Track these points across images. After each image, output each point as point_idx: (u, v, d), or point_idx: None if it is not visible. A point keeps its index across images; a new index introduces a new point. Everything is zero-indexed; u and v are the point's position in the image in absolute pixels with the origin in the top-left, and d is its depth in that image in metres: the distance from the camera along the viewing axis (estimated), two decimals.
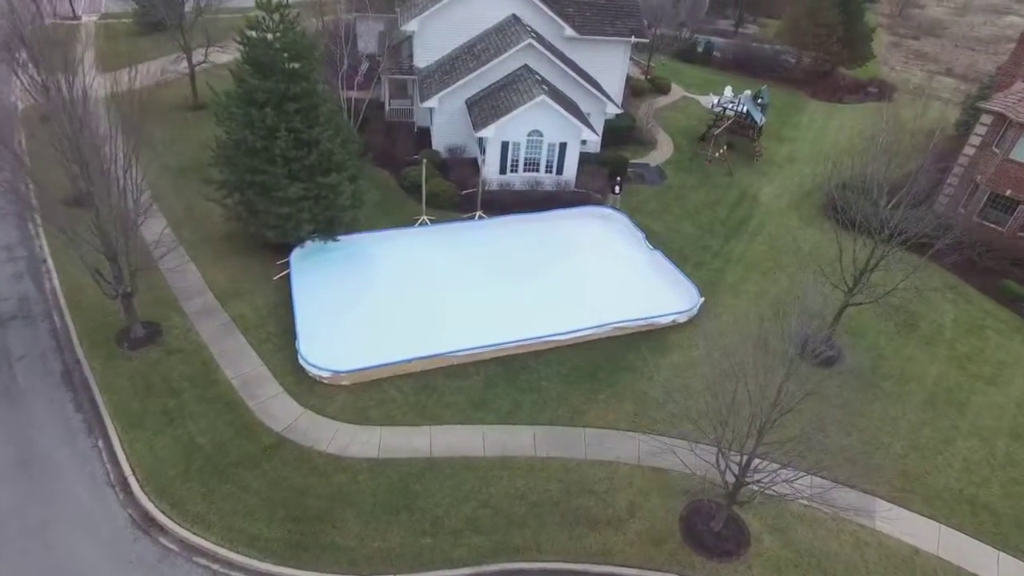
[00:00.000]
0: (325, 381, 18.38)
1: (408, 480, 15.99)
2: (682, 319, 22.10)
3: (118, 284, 18.12)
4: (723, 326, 21.59)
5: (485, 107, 28.68)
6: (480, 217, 27.01)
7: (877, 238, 18.95)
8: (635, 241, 26.44)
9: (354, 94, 31.89)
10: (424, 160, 25.71)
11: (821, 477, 14.35)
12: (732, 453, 14.12)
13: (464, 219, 26.97)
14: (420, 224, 26.25)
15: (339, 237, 24.14)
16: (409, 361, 18.85)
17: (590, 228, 27.57)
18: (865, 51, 51.99)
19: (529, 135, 28.13)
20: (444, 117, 30.44)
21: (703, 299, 22.76)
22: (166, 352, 19.02)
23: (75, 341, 19.02)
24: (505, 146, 28.24)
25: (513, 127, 27.59)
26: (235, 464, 15.85)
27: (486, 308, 21.76)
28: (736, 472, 14.38)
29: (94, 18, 53.02)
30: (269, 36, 20.87)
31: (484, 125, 27.40)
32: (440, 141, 31.11)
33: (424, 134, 31.88)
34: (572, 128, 28.00)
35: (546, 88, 27.75)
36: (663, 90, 45.27)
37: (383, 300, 21.86)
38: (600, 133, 31.19)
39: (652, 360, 20.27)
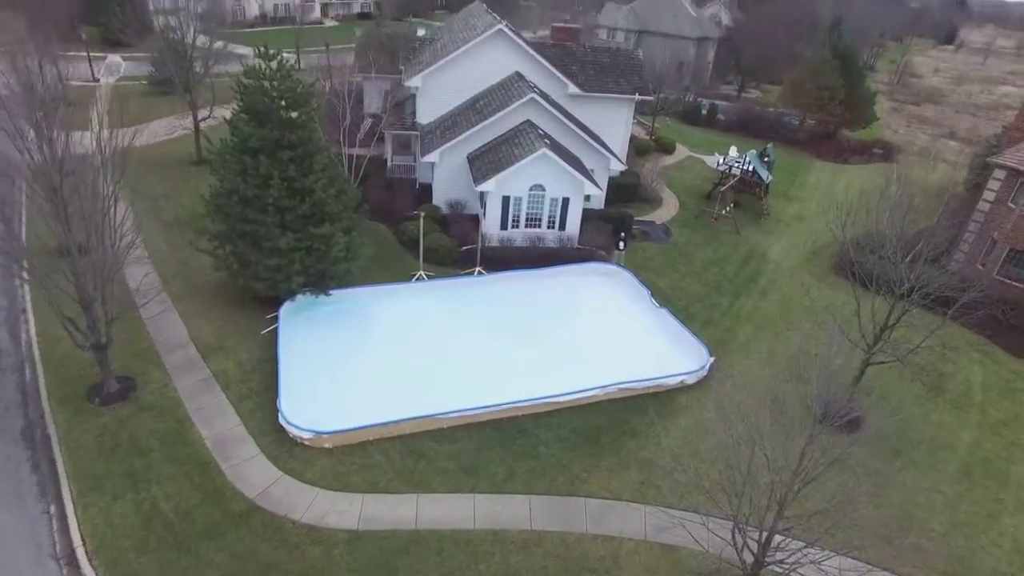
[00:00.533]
0: (306, 443, 17.04)
1: (389, 555, 14.42)
2: (691, 380, 20.77)
3: (92, 334, 17.10)
4: (735, 387, 20.25)
5: (486, 161, 28.27)
6: (479, 273, 26.12)
7: (897, 292, 17.83)
8: (640, 299, 25.39)
9: (356, 151, 31.74)
10: (422, 214, 25.04)
11: (853, 558, 12.75)
12: (750, 528, 12.61)
13: (463, 275, 26.08)
14: (417, 279, 25.36)
15: (331, 291, 23.20)
16: (396, 423, 17.53)
17: (593, 285, 26.58)
18: (868, 113, 52.28)
19: (531, 190, 27.57)
20: (445, 172, 30.05)
21: (713, 358, 21.50)
22: (139, 408, 17.80)
23: (43, 395, 17.86)
24: (506, 201, 27.64)
25: (514, 181, 27.06)
26: (199, 535, 14.36)
27: (483, 367, 20.55)
28: (755, 551, 12.82)
29: (112, 80, 54.66)
30: (266, 84, 20.58)
31: (485, 179, 26.89)
32: (441, 196, 30.63)
33: (426, 190, 31.45)
34: (575, 182, 27.45)
35: (548, 142, 27.37)
36: (668, 150, 45.26)
37: (374, 358, 20.72)
38: (604, 189, 30.64)
39: (659, 424, 18.86)
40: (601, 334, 23.12)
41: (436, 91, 31.72)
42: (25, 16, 46.51)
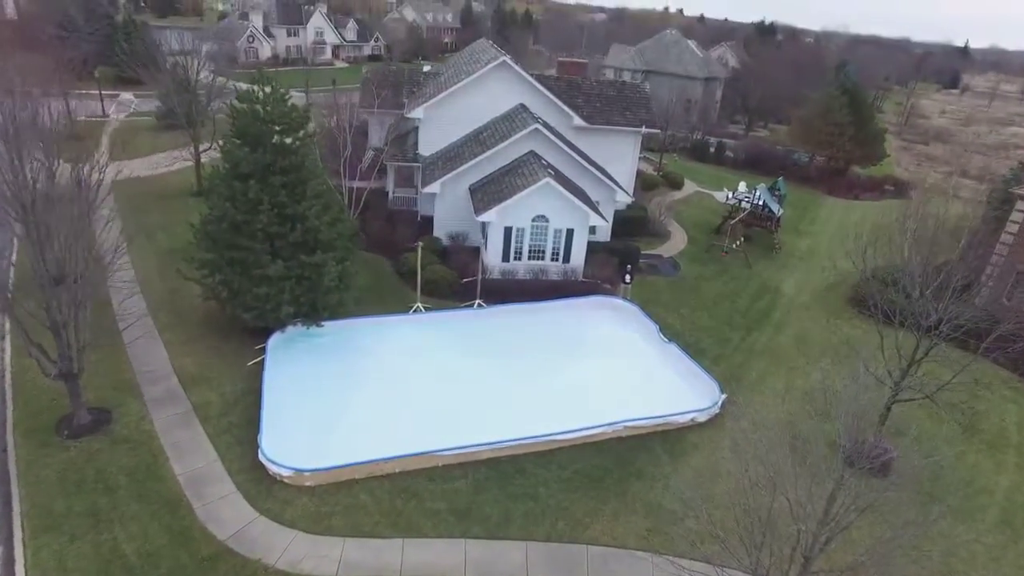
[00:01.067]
0: (286, 480, 15.78)
1: None
2: (702, 418, 19.44)
3: (63, 362, 16.11)
4: (750, 425, 18.90)
5: (488, 192, 27.56)
6: (479, 305, 25.10)
7: (924, 325, 16.63)
8: (647, 333, 24.21)
9: (357, 183, 31.28)
10: (420, 244, 24.19)
11: None
12: None
13: (462, 307, 25.07)
14: (414, 311, 24.35)
15: (324, 323, 22.19)
16: (386, 460, 16.27)
17: (598, 319, 25.47)
18: (878, 150, 51.70)
19: (534, 220, 26.75)
20: (446, 203, 29.35)
21: (725, 395, 20.19)
22: (111, 442, 16.66)
23: (8, 426, 16.78)
24: (508, 232, 26.81)
25: (517, 211, 26.27)
26: None
27: (481, 403, 19.34)
28: None
29: (123, 115, 55.49)
30: (259, 108, 20.05)
31: (486, 209, 26.11)
32: (442, 228, 29.87)
33: (427, 223, 30.72)
34: (579, 213, 26.62)
35: (552, 172, 26.66)
36: (676, 185, 44.65)
37: (365, 392, 19.57)
38: (610, 221, 29.80)
39: (669, 465, 17.51)
40: (606, 370, 21.92)
41: (438, 123, 31.29)
42: (42, 57, 47.77)
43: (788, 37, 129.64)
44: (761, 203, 34.85)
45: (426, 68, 41.51)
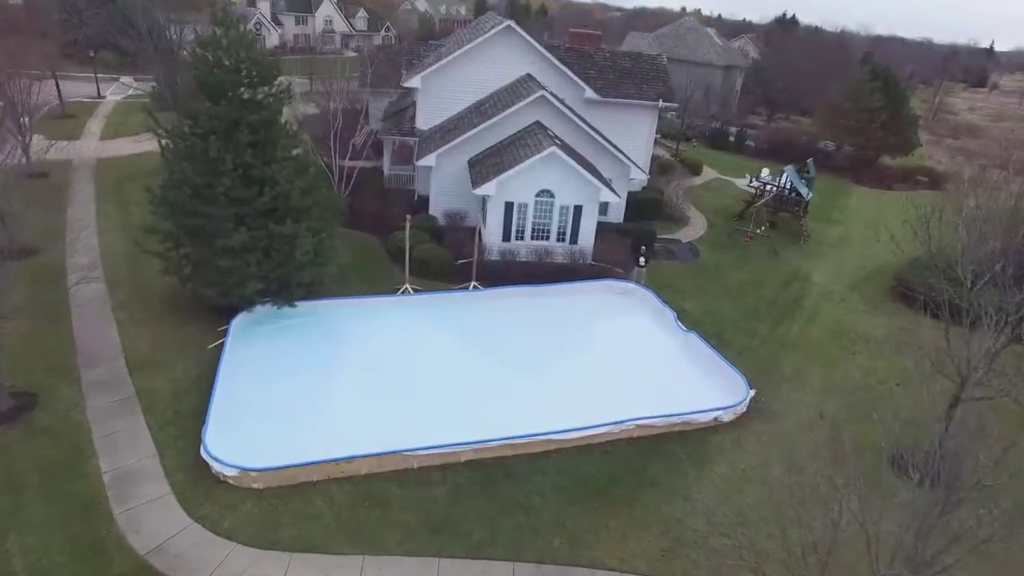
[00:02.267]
0: (231, 481, 13.23)
1: None
2: (727, 417, 16.66)
3: None
4: (784, 427, 16.16)
5: (488, 164, 24.92)
6: (475, 288, 22.46)
7: (1006, 316, 13.74)
8: (664, 321, 21.46)
9: (349, 162, 28.95)
10: (408, 219, 21.58)
11: None
12: None
13: (456, 290, 22.43)
14: (401, 293, 21.76)
15: (297, 303, 19.69)
16: (350, 460, 13.66)
17: (608, 305, 22.74)
18: (911, 139, 48.36)
19: (538, 195, 24.07)
20: (443, 178, 26.75)
21: (754, 391, 17.39)
22: (29, 432, 14.21)
23: None
24: (509, 208, 24.14)
25: (519, 185, 23.60)
26: None
27: (470, 397, 16.68)
28: None
29: (119, 97, 53.85)
30: (222, 55, 17.55)
31: (485, 181, 23.47)
32: (438, 205, 27.26)
33: (424, 202, 28.12)
34: (589, 188, 23.90)
35: (559, 143, 23.95)
36: (694, 171, 41.80)
37: (334, 382, 16.98)
38: (624, 199, 27.02)
39: (690, 472, 14.73)
40: (615, 361, 19.21)
41: (437, 94, 28.69)
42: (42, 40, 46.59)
43: (810, 31, 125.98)
44: (789, 186, 31.94)
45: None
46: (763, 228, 30.38)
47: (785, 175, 31.74)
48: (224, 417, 14.59)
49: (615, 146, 27.29)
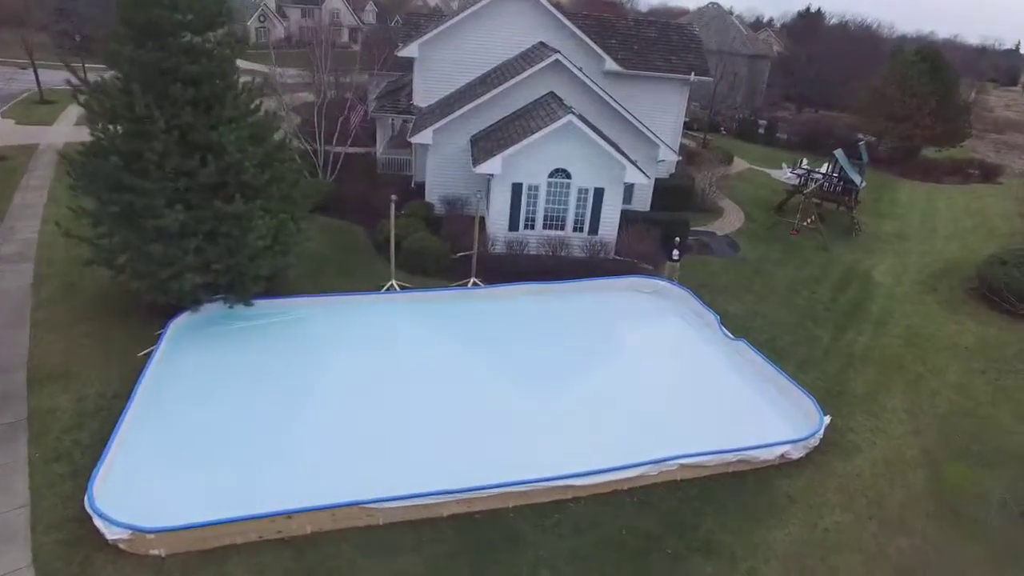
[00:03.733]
0: (121, 546, 9.53)
1: None
2: (796, 454, 12.74)
3: None
4: (869, 466, 12.34)
5: (493, 140, 21.18)
6: (475, 285, 18.72)
7: None
8: (705, 327, 17.59)
9: (332, 146, 25.58)
10: (393, 200, 17.88)
11: None
12: None
13: (452, 287, 18.70)
14: (386, 290, 18.07)
15: (255, 301, 16.07)
16: (290, 514, 9.91)
17: (636, 306, 18.91)
18: (962, 127, 44.02)
19: (552, 176, 20.29)
20: (441, 159, 23.04)
21: (829, 418, 13.47)
22: None
23: None
24: (517, 191, 20.38)
25: (529, 163, 19.85)
26: None
27: (460, 425, 12.93)
28: None
29: None
30: None
31: (488, 157, 19.73)
32: (435, 191, 23.55)
33: (422, 190, 24.44)
34: (612, 167, 20.08)
35: (577, 113, 20.14)
36: (725, 160, 37.79)
37: (283, 405, 13.18)
38: (652, 181, 23.14)
39: (749, 532, 10.91)
40: (649, 377, 15.36)
41: (438, 65, 25.04)
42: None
43: (837, 27, 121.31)
44: (836, 174, 27.96)
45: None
46: (811, 220, 26.39)
47: (833, 163, 27.70)
48: (129, 453, 10.94)
49: (642, 123, 23.44)
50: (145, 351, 14.35)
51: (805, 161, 32.38)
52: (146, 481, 10.52)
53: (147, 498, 10.10)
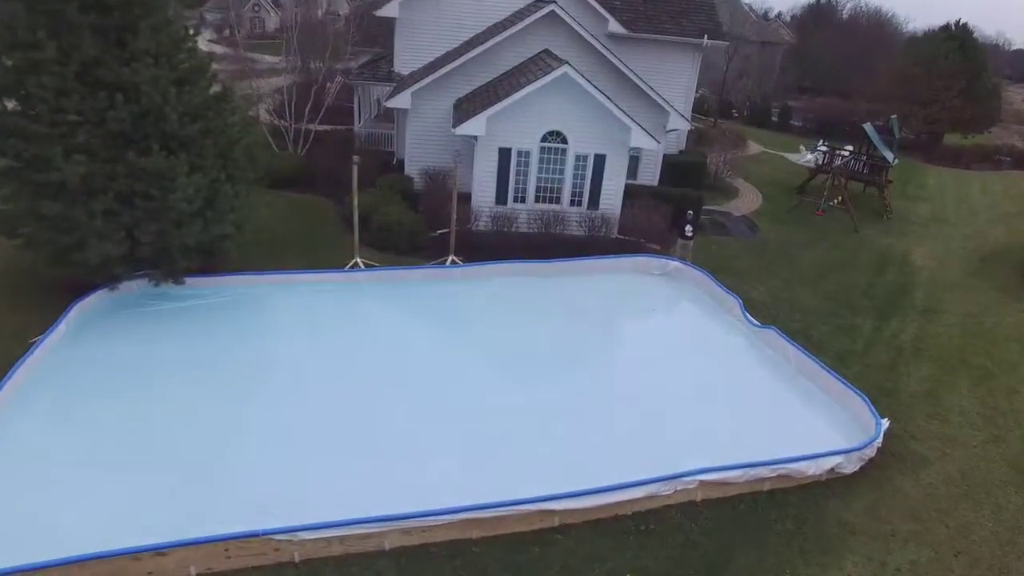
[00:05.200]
0: None
1: None
2: (849, 467, 9.95)
3: None
4: (942, 483, 9.57)
5: (476, 101, 18.48)
6: (453, 263, 16.01)
7: None
8: (725, 314, 14.84)
9: (304, 124, 23.13)
10: (355, 160, 15.18)
11: None
12: None
13: (428, 266, 16.00)
14: (351, 268, 15.38)
15: (188, 279, 13.42)
16: (154, 551, 7.18)
17: (643, 288, 16.17)
18: (992, 110, 41.11)
19: (545, 140, 17.57)
20: (421, 125, 20.31)
21: (887, 423, 10.69)
22: None
23: None
24: (505, 157, 17.66)
25: (518, 124, 17.15)
26: None
27: (422, 436, 10.17)
28: None
29: None
30: None
31: (471, 115, 17.03)
32: (414, 162, 20.80)
33: (403, 167, 21.73)
34: (614, 128, 17.36)
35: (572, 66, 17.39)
36: (738, 142, 35.04)
37: (190, 407, 10.37)
38: (662, 147, 20.35)
39: (796, 571, 8.16)
40: (659, 374, 12.53)
41: (421, 28, 22.22)
42: None
43: (848, 20, 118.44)
44: (865, 152, 25.19)
45: None
46: (838, 199, 23.63)
47: (867, 134, 24.90)
48: None
49: (650, 87, 20.69)
50: (36, 338, 11.66)
51: (823, 143, 29.64)
52: None
53: None
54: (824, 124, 43.88)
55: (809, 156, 32.17)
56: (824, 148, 26.61)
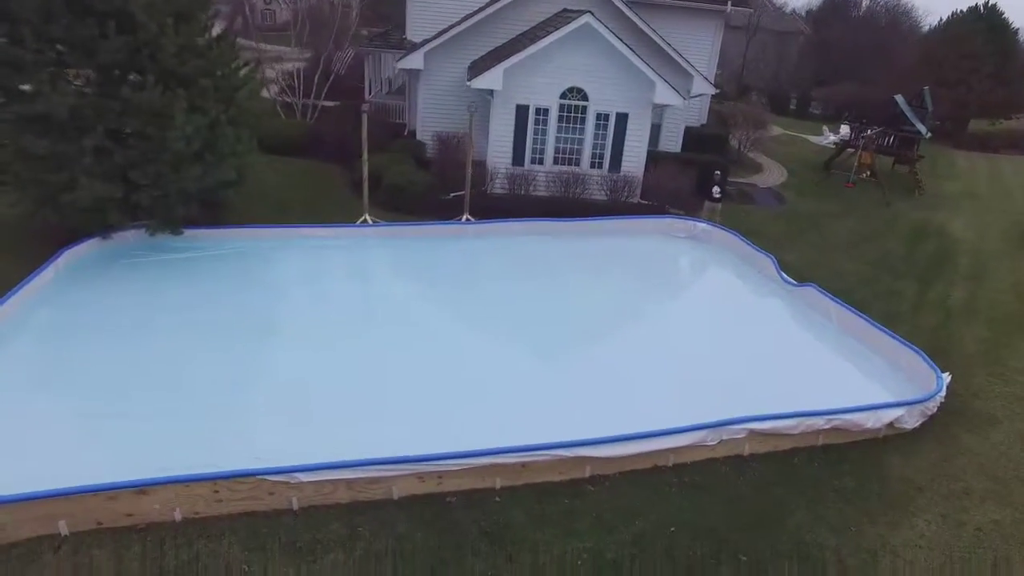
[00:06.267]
0: None
1: None
2: (910, 422, 8.93)
3: None
4: (1021, 444, 8.52)
5: (492, 58, 17.56)
6: (467, 221, 15.11)
7: None
8: (759, 276, 13.85)
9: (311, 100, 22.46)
10: (365, 107, 14.32)
11: None
12: None
13: (439, 223, 15.09)
14: (360, 224, 14.52)
15: (185, 230, 12.60)
16: (135, 488, 6.27)
17: (669, 250, 15.23)
18: (1022, 93, 39.77)
19: (564, 97, 16.64)
20: (434, 88, 19.42)
21: (948, 376, 9.67)
22: None
23: None
24: (522, 115, 16.74)
25: (536, 79, 16.23)
26: None
27: (440, 391, 9.24)
28: None
29: None
30: None
31: (486, 69, 16.13)
32: (428, 127, 19.90)
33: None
34: (638, 84, 16.41)
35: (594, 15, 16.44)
36: (759, 123, 34.00)
37: (197, 350, 9.53)
38: (687, 100, 19.27)
39: (861, 531, 7.18)
40: (694, 335, 11.53)
41: None
42: None
43: (866, 15, 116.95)
44: (894, 129, 24.09)
45: None
46: (867, 173, 22.58)
47: (898, 104, 23.83)
48: None
49: (674, 48, 19.72)
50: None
51: (845, 128, 28.51)
52: None
53: None
54: (844, 109, 42.78)
55: (833, 137, 31.11)
56: (854, 123, 25.50)
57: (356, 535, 6.44)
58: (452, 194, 16.67)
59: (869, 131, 23.74)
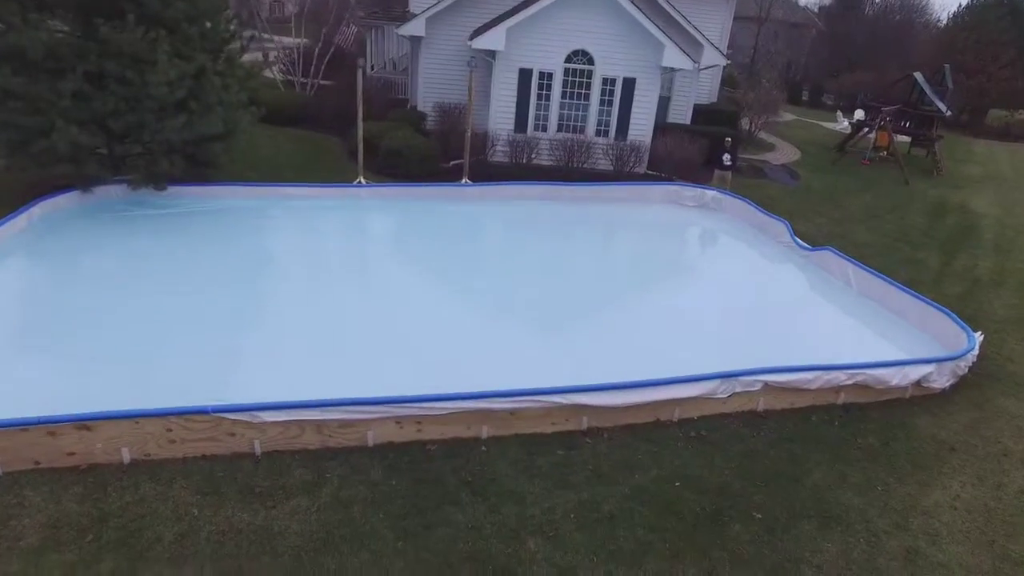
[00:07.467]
0: None
1: None
2: (940, 381, 8.18)
3: None
4: None
5: (495, 21, 16.88)
6: (467, 184, 14.45)
7: None
8: (774, 243, 13.11)
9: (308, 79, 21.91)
10: (360, 64, 13.69)
11: None
12: None
13: (438, 185, 14.43)
14: (356, 185, 13.89)
15: (169, 187, 12.00)
16: (77, 422, 5.62)
17: (678, 217, 14.52)
18: None
19: (569, 61, 15.94)
20: (435, 57, 18.74)
21: (981, 336, 8.91)
22: None
23: None
24: (526, 79, 16.06)
25: (540, 41, 15.55)
26: None
27: (425, 331, 8.61)
28: None
29: None
30: None
31: (488, 29, 15.46)
32: (429, 96, 19.24)
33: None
34: (646, 46, 15.69)
35: None
36: (770, 108, 33.16)
37: (179, 299, 8.86)
38: (697, 66, 18.50)
39: (888, 491, 6.44)
40: (708, 298, 10.82)
41: None
42: None
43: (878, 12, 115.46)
44: (913, 108, 23.24)
45: None
46: (884, 153, 21.77)
47: (917, 83, 22.98)
48: None
49: (684, 16, 18.99)
50: None
51: (860, 112, 27.56)
52: None
53: None
54: (859, 93, 41.81)
55: (847, 123, 30.25)
56: (869, 104, 24.64)
57: (323, 481, 5.77)
58: (452, 162, 16.03)
59: (884, 111, 22.88)
